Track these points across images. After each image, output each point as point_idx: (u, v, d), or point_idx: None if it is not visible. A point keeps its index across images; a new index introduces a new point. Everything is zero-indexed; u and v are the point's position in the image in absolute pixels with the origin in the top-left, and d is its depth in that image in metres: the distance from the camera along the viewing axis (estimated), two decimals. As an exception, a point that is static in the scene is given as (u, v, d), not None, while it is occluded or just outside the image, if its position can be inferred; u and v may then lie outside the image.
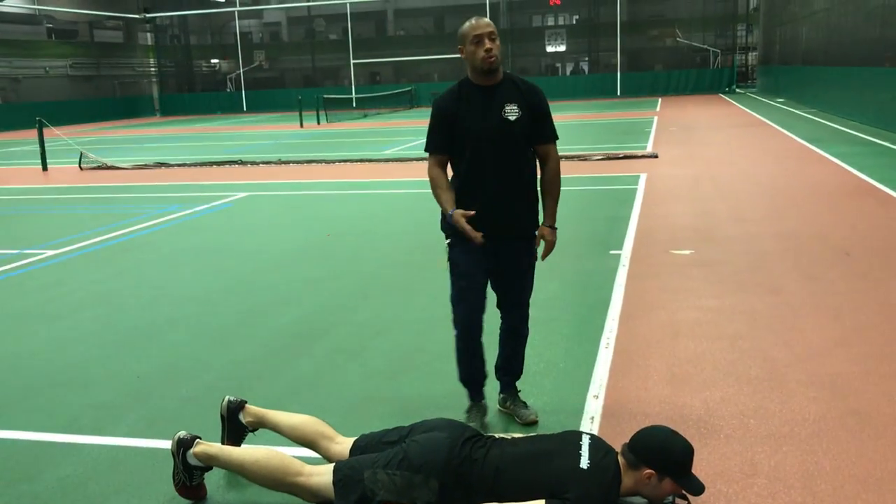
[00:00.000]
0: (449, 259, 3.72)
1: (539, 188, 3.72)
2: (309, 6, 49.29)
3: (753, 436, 3.59)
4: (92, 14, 44.94)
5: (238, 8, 45.87)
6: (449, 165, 3.69)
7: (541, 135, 3.62)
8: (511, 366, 3.94)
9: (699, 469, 3.05)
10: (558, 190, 3.69)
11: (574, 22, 49.68)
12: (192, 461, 3.15)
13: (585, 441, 3.01)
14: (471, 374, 3.88)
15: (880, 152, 13.61)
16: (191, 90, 49.14)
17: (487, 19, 3.56)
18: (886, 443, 3.47)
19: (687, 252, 7.10)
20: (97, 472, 3.52)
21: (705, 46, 43.83)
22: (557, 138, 3.71)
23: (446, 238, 3.72)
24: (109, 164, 16.76)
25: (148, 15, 45.99)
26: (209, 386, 4.46)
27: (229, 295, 6.42)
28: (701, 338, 4.90)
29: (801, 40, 29.95)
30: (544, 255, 3.76)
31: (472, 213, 3.50)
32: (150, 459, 3.61)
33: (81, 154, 17.02)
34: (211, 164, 16.55)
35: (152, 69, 48.92)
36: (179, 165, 16.53)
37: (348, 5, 43.74)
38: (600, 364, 4.52)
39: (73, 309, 6.17)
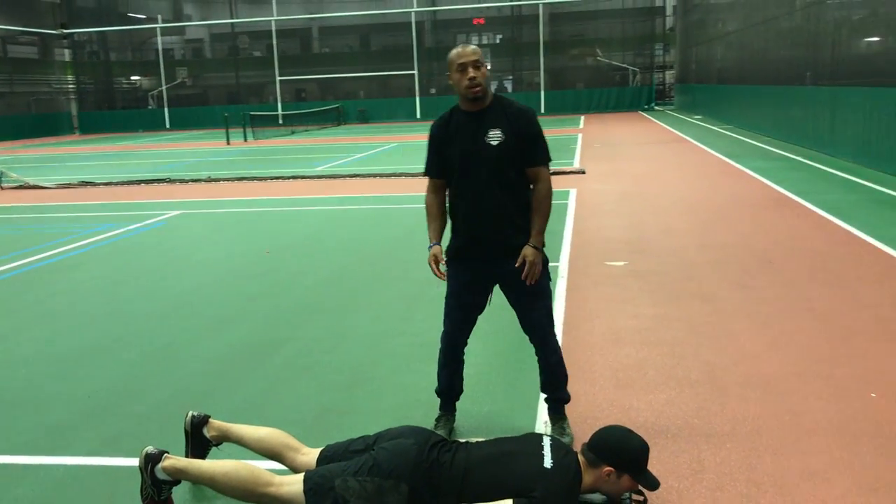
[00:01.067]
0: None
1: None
2: (232, 23, 48.81)
3: (698, 435, 3.81)
4: (3, 29, 43.47)
5: (160, 24, 45.04)
6: None
7: (530, 158, 3.64)
8: (548, 388, 3.93)
9: (652, 467, 3.23)
10: (546, 210, 3.66)
11: (497, 41, 50.51)
12: (161, 475, 3.17)
13: (547, 442, 3.16)
14: (445, 386, 3.98)
15: (794, 166, 14.33)
16: (111, 107, 47.93)
17: (473, 47, 3.63)
18: (820, 438, 3.73)
19: (621, 263, 7.37)
20: (58, 491, 3.50)
21: (625, 65, 45.13)
22: (549, 160, 3.71)
23: (445, 255, 3.81)
24: (32, 183, 16.28)
25: (65, 31, 44.76)
26: (163, 403, 4.46)
27: (174, 313, 6.38)
28: (641, 344, 5.13)
29: (715, 60, 31.19)
30: (525, 275, 3.61)
31: (443, 259, 3.74)
32: (111, 477, 3.61)
33: (2, 173, 16.49)
34: (139, 182, 16.26)
35: (70, 86, 47.52)
36: (106, 184, 16.18)
37: (273, 22, 43.48)
38: (549, 371, 4.68)
39: (13, 330, 6.05)
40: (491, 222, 3.64)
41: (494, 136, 3.59)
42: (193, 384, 4.75)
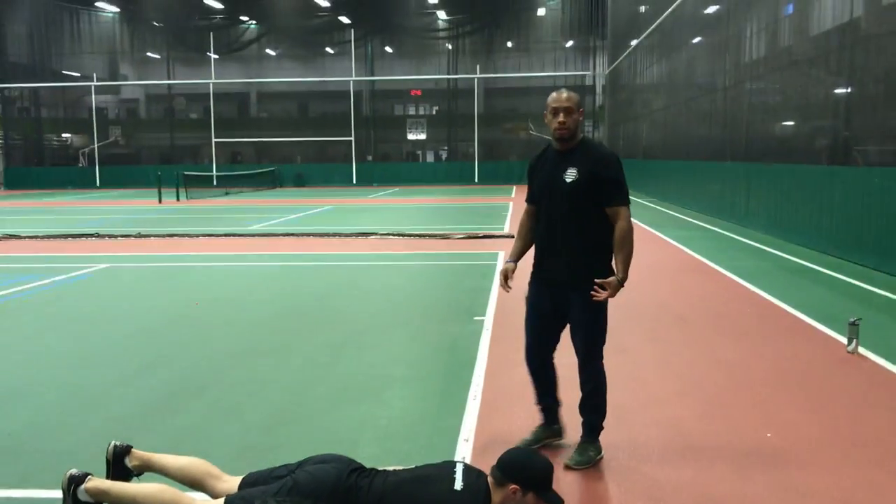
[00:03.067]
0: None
1: (610, 242, 4.02)
2: (169, 84, 48.83)
3: (603, 467, 4.04)
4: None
5: (95, 83, 44.75)
6: None
7: (607, 198, 3.97)
8: (580, 409, 4.23)
9: (564, 495, 3.41)
10: (625, 247, 3.97)
11: (434, 112, 51.69)
12: (84, 497, 3.22)
13: (459, 467, 3.33)
14: (537, 397, 4.41)
15: (711, 236, 15.03)
16: (40, 164, 47.04)
17: (569, 94, 4.04)
18: (719, 469, 4.00)
19: (544, 319, 7.63)
20: (-27, 521, 3.49)
21: (556, 139, 46.54)
22: (626, 203, 3.99)
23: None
24: (-48, 234, 15.88)
25: (-4, 85, 44.11)
26: (85, 442, 4.47)
27: (98, 359, 6.35)
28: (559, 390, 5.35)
29: (641, 136, 32.56)
30: (598, 295, 3.92)
31: (512, 277, 4.28)
32: (28, 508, 3.61)
33: (-80, 224, 16.04)
34: (65, 236, 16.01)
35: (-2, 141, 46.57)
36: (31, 237, 15.89)
37: (211, 84, 43.69)
38: (469, 413, 4.88)
39: (-74, 373, 5.94)
40: (557, 252, 4.07)
41: (570, 175, 4.00)
42: (114, 425, 4.76)
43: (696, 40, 22.69)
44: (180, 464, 3.55)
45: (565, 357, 4.38)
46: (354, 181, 42.49)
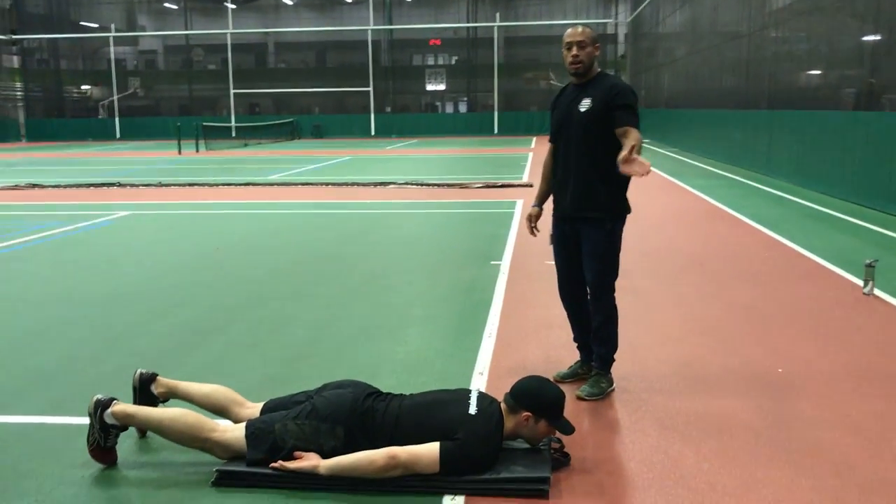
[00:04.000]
0: None
1: (618, 176, 3.80)
2: (187, 34, 48.63)
3: (616, 399, 4.12)
4: (-48, 33, 42.76)
5: (113, 34, 44.66)
6: None
7: (619, 121, 3.90)
8: (593, 341, 4.29)
9: (575, 423, 3.50)
10: (631, 136, 3.76)
11: (453, 62, 51.19)
12: (110, 420, 3.34)
13: (474, 394, 3.42)
14: (574, 334, 4.51)
15: (731, 184, 14.92)
16: (60, 116, 47.27)
17: (583, 28, 4.09)
18: (726, 399, 4.07)
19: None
20: (6, 442, 3.64)
21: (577, 90, 46.04)
22: (635, 125, 3.86)
23: None
24: (-23, 183, 16.10)
25: (15, 37, 44.13)
26: (111, 374, 4.60)
27: (122, 299, 6.49)
28: (554, 327, 5.43)
29: (663, 85, 32.14)
30: (626, 152, 3.56)
31: (537, 216, 4.40)
32: (59, 434, 3.75)
33: (-54, 173, 16.27)
34: (88, 185, 16.19)
35: (18, 93, 46.76)
36: (54, 187, 16.08)
37: (229, 35, 43.46)
38: (484, 349, 4.96)
39: (-43, 311, 6.11)
40: (572, 184, 4.10)
41: (584, 105, 4.04)
42: (139, 358, 4.88)
43: (720, -14, 22.22)
44: (204, 391, 3.67)
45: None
46: (373, 132, 42.37)
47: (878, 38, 12.39)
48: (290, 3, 50.80)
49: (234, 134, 37.93)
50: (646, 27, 36.65)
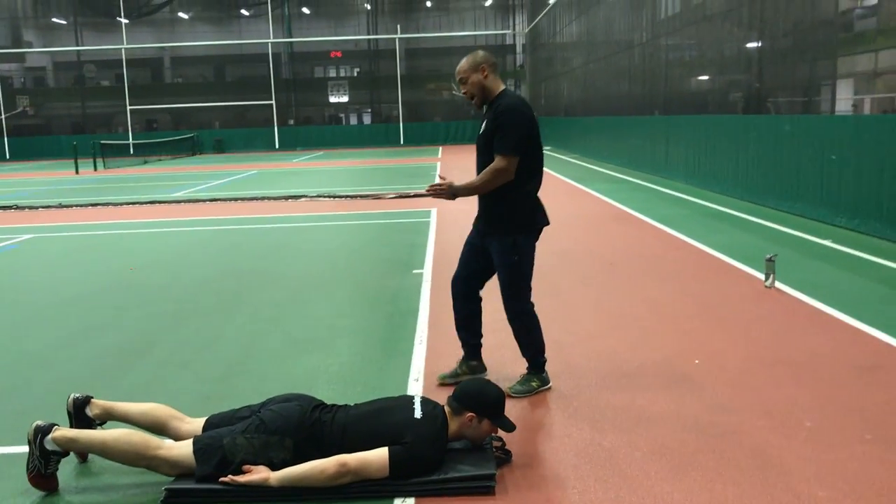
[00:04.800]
0: None
1: (518, 194, 4.23)
2: (78, 50, 46.94)
3: (548, 396, 4.31)
4: None
5: (-2, 50, 42.72)
6: None
7: (494, 147, 4.18)
8: (519, 347, 4.50)
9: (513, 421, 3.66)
10: (482, 177, 4.20)
11: (355, 74, 51.15)
12: (51, 446, 3.29)
13: (417, 399, 3.53)
14: (456, 327, 4.68)
15: (633, 188, 15.53)
16: (-59, 137, 44.77)
17: (462, 63, 4.27)
18: (651, 391, 4.32)
19: (480, 269, 7.88)
20: (-63, 477, 3.53)
21: (479, 99, 46.69)
22: (505, 152, 4.11)
23: None
24: None
25: None
26: (39, 400, 4.50)
27: (39, 325, 6.31)
28: (498, 332, 5.56)
29: (562, 94, 33.03)
30: (433, 185, 4.30)
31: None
32: (-9, 464, 3.66)
33: None
34: (-19, 209, 15.47)
35: None
36: (-56, 211, 15.30)
37: (123, 51, 42.20)
38: (417, 356, 5.09)
39: None
40: (481, 203, 4.38)
41: (482, 128, 4.28)
42: (66, 385, 4.74)
43: (614, -3, 23.09)
44: (142, 409, 3.66)
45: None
46: (277, 146, 41.91)
47: (760, 44, 13.16)
48: (186, 16, 49.72)
49: (132, 151, 36.81)
50: (543, 37, 37.59)
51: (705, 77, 16.69)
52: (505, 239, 4.29)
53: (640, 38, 20.12)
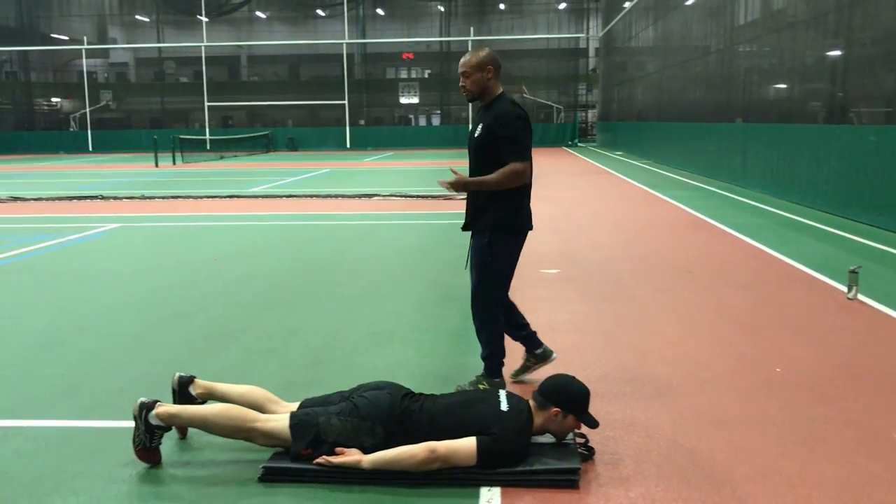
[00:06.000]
0: None
1: (501, 193, 4.24)
2: (160, 47, 48.46)
3: (629, 397, 4.35)
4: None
5: (85, 46, 44.35)
6: None
7: (504, 156, 4.18)
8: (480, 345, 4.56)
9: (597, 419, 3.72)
10: (497, 174, 4.15)
11: (426, 76, 51.55)
12: (154, 421, 3.49)
13: (503, 393, 3.63)
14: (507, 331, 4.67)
15: (708, 195, 15.33)
16: (29, 128, 46.79)
17: (466, 57, 4.32)
18: (731, 396, 4.31)
19: (555, 271, 7.94)
20: (49, 445, 3.77)
21: (549, 103, 46.64)
22: (519, 158, 4.14)
23: None
24: (-43, 196, 16.00)
25: (-16, 49, 43.68)
26: (136, 380, 4.73)
27: (131, 308, 6.61)
28: (576, 332, 5.67)
29: (636, 99, 32.69)
30: (448, 179, 4.32)
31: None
32: (97, 437, 3.89)
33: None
34: (70, 198, 16.16)
35: (-14, 105, 46.25)
36: (36, 199, 16.03)
37: (203, 48, 43.40)
38: (495, 353, 5.16)
39: (-32, 322, 6.18)
40: (469, 200, 4.39)
41: (478, 130, 4.30)
42: (159, 366, 5.01)
43: (691, 2, 22.78)
44: (241, 390, 3.84)
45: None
46: (348, 145, 42.51)
47: (845, 53, 12.85)
48: (264, 16, 50.86)
49: (209, 147, 37.85)
50: (618, 42, 37.26)
51: (784, 85, 16.36)
52: (481, 238, 4.33)
53: (718, 44, 19.82)
